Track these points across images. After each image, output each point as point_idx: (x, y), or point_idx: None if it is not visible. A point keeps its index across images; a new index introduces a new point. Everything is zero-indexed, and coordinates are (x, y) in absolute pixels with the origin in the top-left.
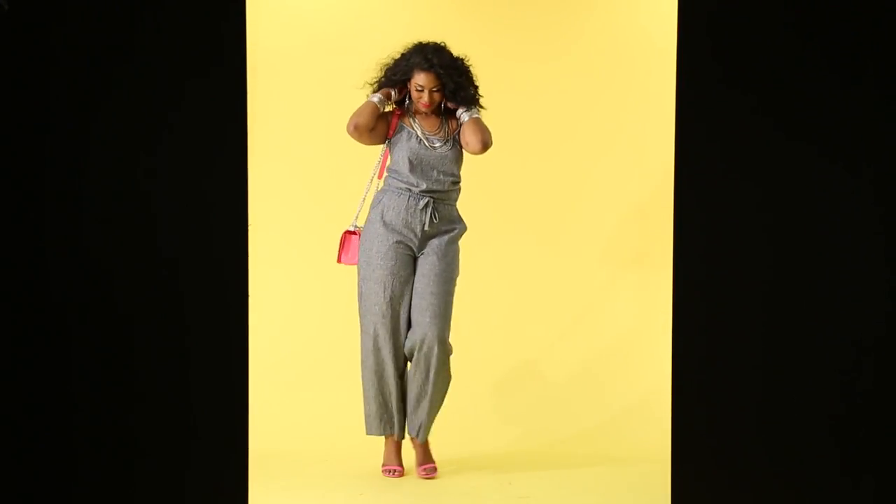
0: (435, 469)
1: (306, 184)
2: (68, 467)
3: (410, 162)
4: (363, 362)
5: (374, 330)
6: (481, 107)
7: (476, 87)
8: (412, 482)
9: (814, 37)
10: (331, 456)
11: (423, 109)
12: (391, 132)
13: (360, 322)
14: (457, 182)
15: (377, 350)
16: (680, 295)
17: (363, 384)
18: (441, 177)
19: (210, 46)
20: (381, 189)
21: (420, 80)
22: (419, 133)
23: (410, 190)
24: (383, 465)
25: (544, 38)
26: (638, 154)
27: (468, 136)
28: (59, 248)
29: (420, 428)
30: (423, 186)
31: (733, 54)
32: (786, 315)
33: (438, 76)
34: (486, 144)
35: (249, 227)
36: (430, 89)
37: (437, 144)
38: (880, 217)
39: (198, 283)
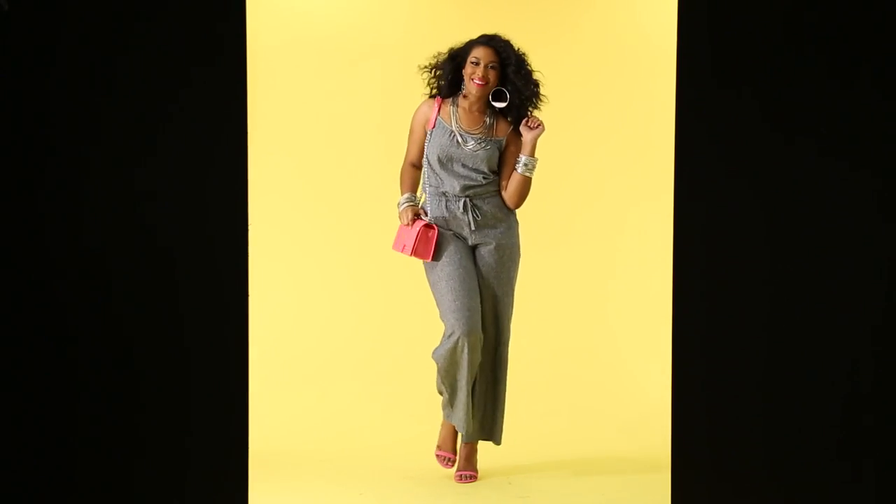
0: (475, 477)
1: (307, 182)
2: (68, 467)
3: (439, 159)
4: (448, 357)
5: (455, 326)
6: (541, 101)
7: (537, 84)
8: (412, 482)
9: (813, 36)
10: (331, 456)
11: (475, 90)
12: (431, 125)
13: (444, 321)
14: (488, 177)
15: (462, 344)
16: (680, 295)
17: (446, 376)
18: (470, 172)
19: (210, 43)
20: (422, 188)
21: (477, 52)
22: (454, 129)
23: (445, 194)
24: (438, 449)
25: (543, 37)
26: (637, 153)
27: (510, 191)
28: (57, 246)
29: (495, 430)
30: (455, 187)
31: (733, 54)
32: (786, 315)
33: (497, 51)
34: (517, 206)
35: (249, 226)
36: (486, 63)
37: (470, 143)
38: (879, 213)
39: (197, 281)
